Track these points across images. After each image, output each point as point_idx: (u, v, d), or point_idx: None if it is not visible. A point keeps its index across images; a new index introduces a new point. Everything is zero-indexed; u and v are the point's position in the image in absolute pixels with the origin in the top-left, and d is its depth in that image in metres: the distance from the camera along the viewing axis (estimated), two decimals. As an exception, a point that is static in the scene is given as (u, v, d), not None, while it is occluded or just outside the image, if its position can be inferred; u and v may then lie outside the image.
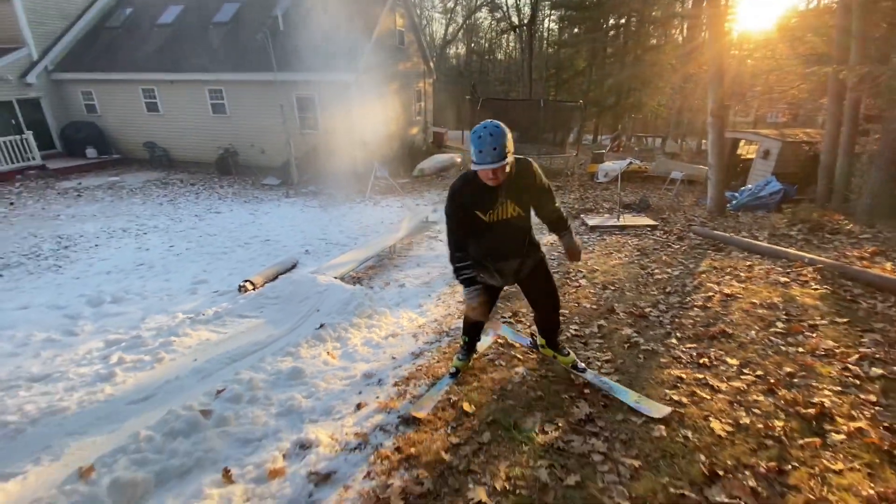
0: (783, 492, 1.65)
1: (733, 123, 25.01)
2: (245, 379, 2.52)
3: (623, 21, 25.28)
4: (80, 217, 8.29)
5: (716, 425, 2.02)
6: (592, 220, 7.03)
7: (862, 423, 1.97)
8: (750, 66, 22.02)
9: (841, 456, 1.80)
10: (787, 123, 19.24)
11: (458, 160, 14.84)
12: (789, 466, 1.76)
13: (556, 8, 26.37)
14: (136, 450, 1.88)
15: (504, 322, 3.33)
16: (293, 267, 5.68)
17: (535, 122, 14.30)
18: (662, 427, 2.02)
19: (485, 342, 2.92)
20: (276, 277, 4.96)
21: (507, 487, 1.71)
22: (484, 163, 1.85)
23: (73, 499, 1.63)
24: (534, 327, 2.76)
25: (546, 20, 32.67)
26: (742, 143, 11.68)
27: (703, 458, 1.83)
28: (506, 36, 40.75)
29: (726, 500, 1.60)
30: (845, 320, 2.96)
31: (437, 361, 2.85)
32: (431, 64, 16.89)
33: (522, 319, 3.44)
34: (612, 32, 26.09)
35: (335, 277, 4.30)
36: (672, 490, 1.67)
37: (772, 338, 2.83)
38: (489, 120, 1.92)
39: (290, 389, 2.51)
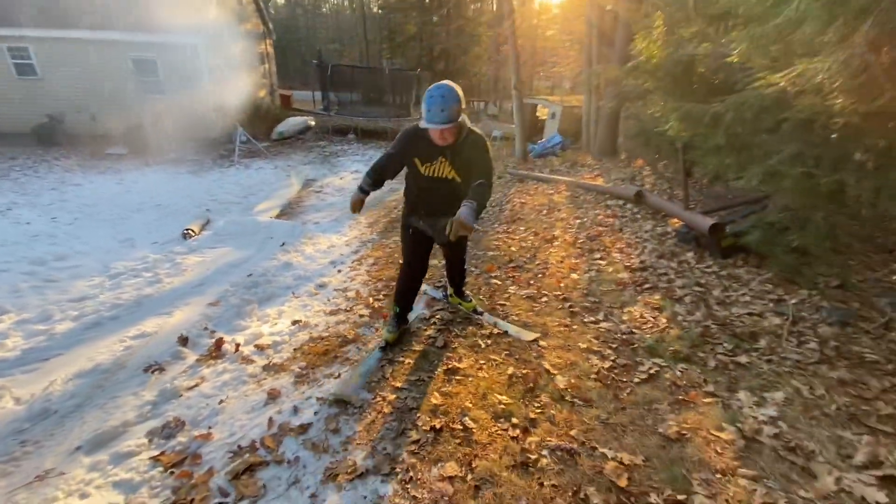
0: (534, 259, 4.16)
1: (538, 87, 30.39)
2: (259, 269, 4.08)
3: (444, -9, 27.79)
4: None
5: (511, 248, 4.49)
6: (442, 169, 9.43)
7: (567, 237, 4.67)
8: (550, 39, 27.03)
9: (556, 249, 4.43)
10: (572, 90, 24.81)
11: (312, 123, 15.75)
12: (538, 255, 4.31)
13: (384, -27, 27.31)
14: (233, 294, 3.43)
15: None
16: (208, 221, 6.66)
17: (380, 87, 16.03)
18: (492, 255, 4.40)
19: (415, 313, 2.99)
20: (203, 227, 6.02)
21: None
22: (431, 122, 1.97)
23: (219, 310, 3.18)
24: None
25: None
26: (539, 107, 15.48)
27: (507, 258, 4.25)
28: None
29: (514, 266, 4.03)
30: (572, 206, 5.87)
31: (371, 253, 4.78)
32: (270, 25, 16.83)
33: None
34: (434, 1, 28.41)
35: (270, 217, 5.71)
36: (494, 265, 4.03)
37: (540, 217, 5.54)
38: (445, 82, 2.01)
39: (290, 271, 4.17)
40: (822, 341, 2.58)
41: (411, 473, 1.67)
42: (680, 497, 1.59)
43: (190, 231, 5.57)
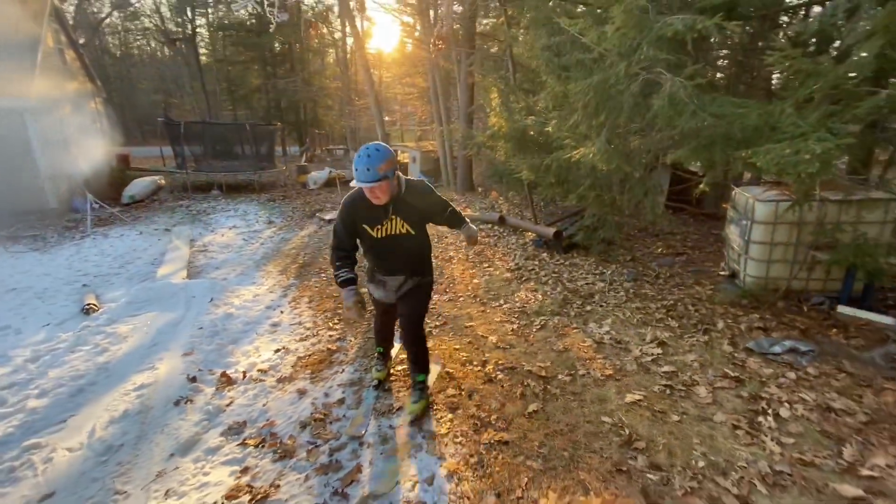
0: (443, 275, 5.39)
1: (393, 134, 32.77)
2: (206, 322, 4.47)
3: (286, 46, 28.58)
4: None
5: (455, 272, 5.67)
6: (326, 216, 10.21)
7: (460, 255, 6.04)
8: (391, 88, 29.62)
9: (456, 265, 5.74)
10: (423, 136, 27.64)
11: (162, 182, 14.87)
12: (444, 271, 5.56)
13: (220, 29, 27.05)
14: (201, 342, 3.85)
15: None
16: (97, 296, 6.31)
17: (240, 141, 15.98)
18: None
19: (398, 346, 3.25)
20: (97, 299, 5.81)
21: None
22: (359, 181, 2.01)
23: (199, 357, 3.62)
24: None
25: (202, 29, 32.24)
26: (399, 152, 17.29)
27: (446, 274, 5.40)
28: (145, 40, 37.23)
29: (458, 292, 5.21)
30: (455, 232, 7.35)
31: (300, 293, 5.44)
32: (98, 82, 15.46)
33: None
34: (274, 55, 28.95)
35: (183, 279, 5.86)
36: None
37: (433, 243, 6.86)
38: (376, 143, 2.07)
39: (236, 320, 4.63)
40: (626, 290, 4.35)
41: (431, 399, 2.68)
42: (572, 372, 2.93)
43: (92, 305, 5.40)
